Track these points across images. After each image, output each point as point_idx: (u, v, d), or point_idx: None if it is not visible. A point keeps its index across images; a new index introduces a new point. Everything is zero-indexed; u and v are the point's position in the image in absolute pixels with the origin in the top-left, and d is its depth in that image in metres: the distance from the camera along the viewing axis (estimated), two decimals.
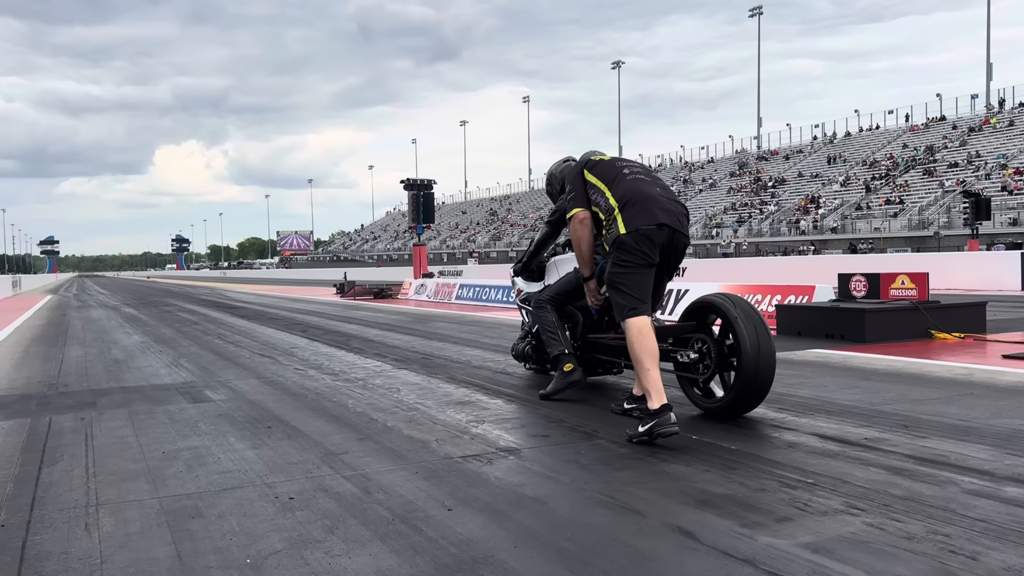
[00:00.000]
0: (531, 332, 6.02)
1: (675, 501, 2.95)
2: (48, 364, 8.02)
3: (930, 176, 47.85)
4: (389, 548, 2.55)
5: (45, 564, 2.50)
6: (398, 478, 3.37)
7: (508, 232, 72.68)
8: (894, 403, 4.78)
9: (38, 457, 3.95)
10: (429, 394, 5.53)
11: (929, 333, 8.13)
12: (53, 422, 4.87)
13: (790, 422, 4.31)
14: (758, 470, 3.35)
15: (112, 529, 2.81)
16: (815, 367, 6.44)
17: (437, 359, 7.60)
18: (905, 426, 4.13)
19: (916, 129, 56.79)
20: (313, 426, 4.52)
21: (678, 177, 69.30)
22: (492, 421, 4.57)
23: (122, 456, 3.92)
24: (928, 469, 3.31)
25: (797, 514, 2.78)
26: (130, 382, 6.57)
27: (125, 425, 4.71)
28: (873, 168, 52.92)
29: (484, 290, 18.06)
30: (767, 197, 56.09)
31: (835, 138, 62.45)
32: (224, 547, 2.60)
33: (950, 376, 5.79)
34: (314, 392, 5.74)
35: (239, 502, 3.08)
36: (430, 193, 28.74)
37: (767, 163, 63.63)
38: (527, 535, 2.64)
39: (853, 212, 47.91)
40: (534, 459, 3.66)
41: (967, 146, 49.47)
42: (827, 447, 3.73)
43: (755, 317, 4.31)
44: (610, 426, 4.31)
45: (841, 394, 5.13)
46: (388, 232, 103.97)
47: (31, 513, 3.02)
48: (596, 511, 2.87)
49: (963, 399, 4.89)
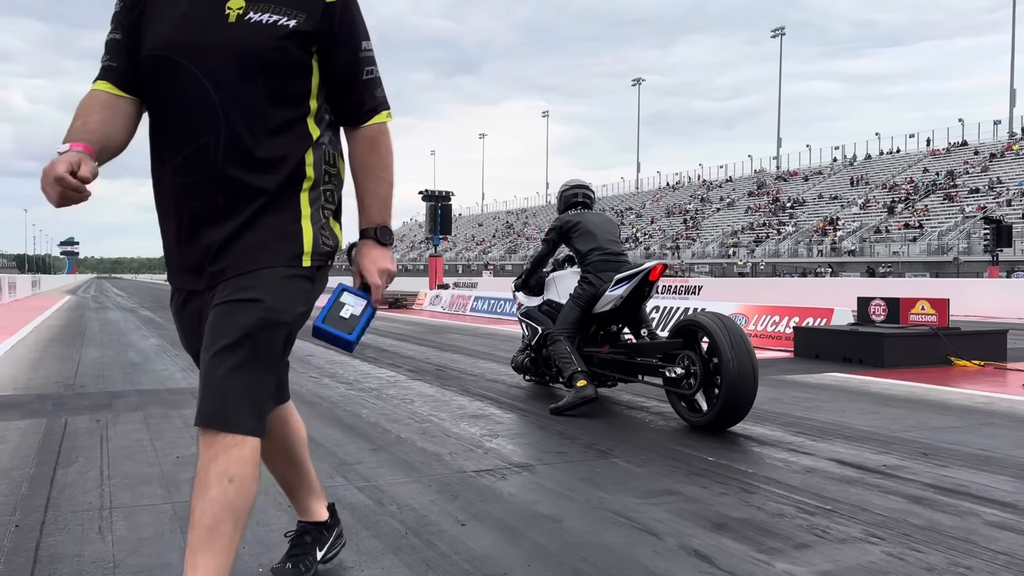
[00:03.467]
0: (530, 345, 6.15)
1: (691, 523, 2.92)
2: (65, 365, 8.07)
3: (950, 201, 47.53)
4: (402, 562, 2.53)
5: (58, 567, 2.49)
6: (411, 490, 3.35)
7: (524, 245, 72.78)
8: (913, 430, 4.72)
9: (53, 458, 3.96)
10: (443, 406, 5.52)
11: (949, 360, 8.04)
12: (69, 423, 4.89)
13: (808, 446, 4.26)
14: (775, 495, 3.31)
15: (125, 533, 2.81)
16: (833, 391, 6.38)
17: (451, 371, 7.59)
18: (925, 454, 4.07)
19: (937, 153, 56.46)
20: (327, 435, 4.51)
21: (695, 195, 69.20)
22: (506, 436, 4.55)
23: (137, 459, 3.92)
24: (949, 499, 3.26)
25: (815, 541, 2.74)
26: (146, 385, 6.60)
27: (140, 428, 4.72)
28: (893, 192, 52.65)
29: (499, 303, 18.05)
30: (785, 218, 55.90)
31: (855, 160, 62.21)
32: (237, 555, 2.58)
33: (970, 404, 5.71)
34: (328, 400, 5.74)
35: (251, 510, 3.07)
36: (448, 205, 28.84)
37: (786, 183, 63.45)
38: (541, 553, 2.61)
39: (872, 235, 47.64)
40: (548, 476, 3.63)
41: (988, 172, 49.11)
42: (845, 473, 3.68)
43: (740, 338, 4.53)
44: (625, 444, 4.28)
45: (859, 419, 5.07)
46: (404, 242, 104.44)
47: (45, 514, 3.03)
48: (611, 531, 2.84)
49: (984, 428, 4.82)
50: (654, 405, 5.54)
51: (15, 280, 29.92)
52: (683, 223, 63.48)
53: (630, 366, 5.32)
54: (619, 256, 5.67)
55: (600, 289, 5.40)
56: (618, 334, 5.73)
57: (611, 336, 5.70)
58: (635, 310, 5.51)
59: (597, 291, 5.42)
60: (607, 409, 5.41)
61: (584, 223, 5.89)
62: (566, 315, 5.57)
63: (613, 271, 5.43)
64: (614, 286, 5.31)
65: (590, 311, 5.48)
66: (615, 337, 5.71)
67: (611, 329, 5.71)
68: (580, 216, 5.98)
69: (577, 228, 5.85)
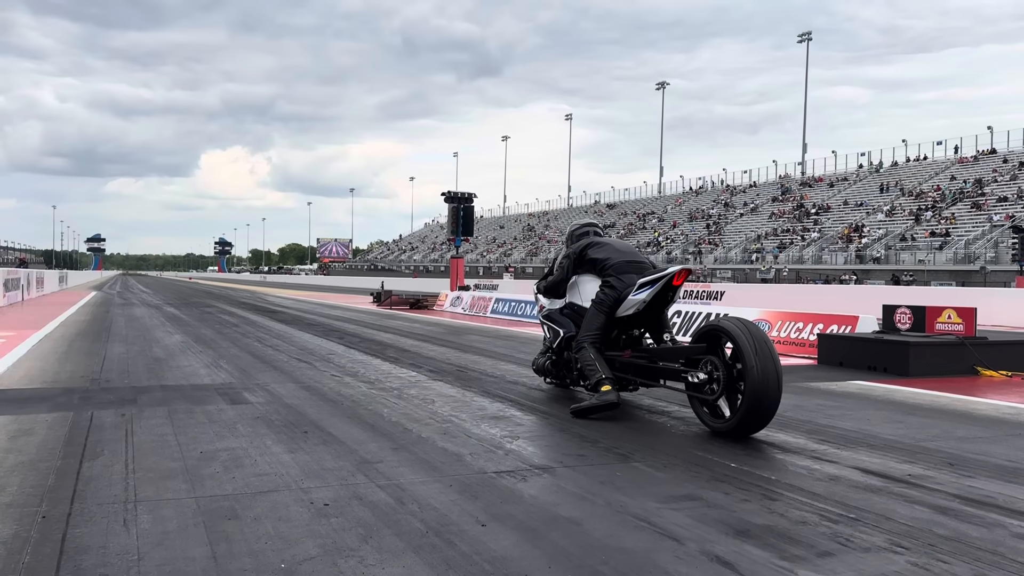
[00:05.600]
0: (551, 348, 6.10)
1: (713, 529, 2.90)
2: (91, 359, 8.17)
3: (978, 209, 46.91)
4: (423, 561, 2.53)
5: (84, 558, 2.52)
6: (432, 490, 3.36)
7: (545, 248, 72.70)
8: (939, 440, 4.67)
9: (79, 451, 4.01)
10: (464, 407, 5.52)
11: (975, 370, 7.93)
12: (95, 417, 4.95)
13: (832, 454, 4.22)
14: (798, 502, 3.28)
15: (149, 526, 2.83)
16: (857, 399, 6.32)
17: (472, 372, 7.60)
18: (951, 464, 4.02)
19: (965, 161, 55.73)
20: (348, 433, 4.53)
21: (719, 200, 68.81)
22: (527, 437, 4.55)
23: (161, 454, 3.96)
24: (975, 510, 3.21)
25: (839, 549, 2.71)
26: (170, 381, 6.66)
27: (164, 423, 4.77)
28: (920, 199, 52.07)
29: (520, 305, 18.04)
30: (810, 224, 55.44)
31: (881, 167, 61.59)
32: (259, 550, 2.61)
33: (997, 415, 5.63)
34: (350, 399, 5.77)
35: (275, 506, 3.09)
36: (470, 206, 28.86)
37: (811, 189, 62.93)
38: (562, 556, 2.60)
39: (897, 243, 47.14)
40: (569, 478, 3.62)
41: (1017, 180, 48.42)
42: (869, 482, 3.64)
43: (765, 344, 4.48)
44: (646, 448, 4.26)
45: (884, 428, 5.01)
46: (426, 243, 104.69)
47: (71, 506, 3.07)
48: (632, 535, 2.83)
49: (1011, 439, 4.75)
50: (676, 410, 5.51)
51: (43, 275, 30.35)
52: (706, 228, 63.14)
53: (652, 370, 5.28)
54: (640, 262, 5.64)
55: (623, 293, 5.36)
56: (640, 338, 5.69)
57: (633, 340, 5.67)
58: (657, 315, 5.48)
59: (619, 295, 5.37)
60: (628, 413, 5.39)
61: (598, 241, 5.92)
62: (590, 321, 5.53)
63: (635, 273, 5.40)
64: (637, 290, 5.28)
65: (613, 315, 5.44)
66: (637, 341, 5.67)
67: (633, 333, 5.67)
68: (593, 238, 6.02)
69: (592, 245, 5.86)
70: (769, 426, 4.62)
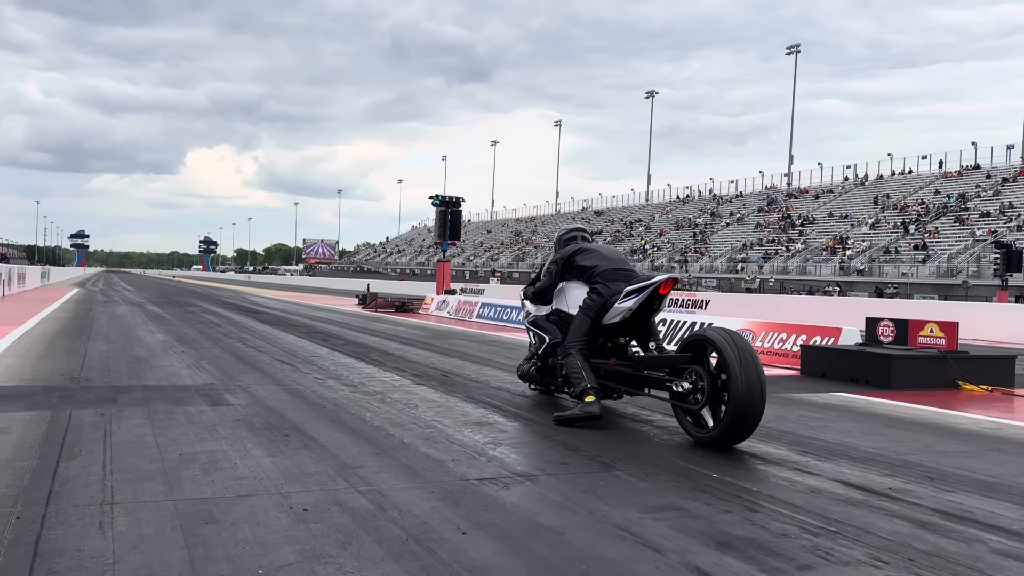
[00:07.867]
0: (537, 354, 6.10)
1: (694, 540, 2.89)
2: (71, 357, 8.09)
3: (961, 224, 47.35)
4: (402, 569, 2.51)
5: (58, 560, 2.49)
6: (413, 496, 3.34)
7: (532, 254, 72.74)
8: (919, 453, 4.69)
9: (56, 451, 3.96)
10: (447, 412, 5.50)
11: (956, 384, 7.99)
12: (73, 416, 4.89)
13: (813, 466, 4.23)
14: (779, 514, 3.29)
15: (126, 529, 2.80)
16: (839, 411, 6.34)
17: (456, 377, 7.58)
18: (931, 478, 4.04)
19: (949, 176, 56.26)
20: (330, 437, 4.50)
21: (705, 209, 69.10)
22: (509, 444, 4.53)
23: (139, 455, 3.92)
24: (954, 525, 3.23)
25: (819, 563, 2.71)
26: (151, 381, 6.60)
27: (144, 424, 4.72)
28: (903, 213, 52.49)
29: (505, 310, 18.03)
30: (795, 235, 55.76)
31: (867, 180, 62.05)
32: (236, 555, 2.58)
33: (977, 429, 5.67)
34: (332, 403, 5.74)
35: (253, 510, 3.07)
36: (458, 210, 28.82)
37: (797, 200, 63.31)
38: (543, 566, 2.59)
39: (881, 255, 47.49)
40: (551, 487, 3.61)
41: (1000, 196, 48.91)
42: (850, 495, 3.65)
43: (750, 355, 4.49)
44: (629, 457, 4.26)
45: (865, 441, 5.03)
46: (412, 246, 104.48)
47: (47, 507, 3.03)
48: (613, 545, 2.82)
49: (990, 454, 4.78)
50: (659, 419, 5.52)
51: (24, 271, 30.06)
52: (692, 237, 63.39)
53: (637, 379, 5.28)
54: (628, 270, 5.65)
55: (609, 300, 5.37)
56: (625, 346, 5.69)
57: (618, 348, 5.67)
58: (643, 323, 5.49)
59: (606, 301, 5.38)
60: (612, 421, 5.39)
61: (587, 247, 5.93)
62: (577, 327, 5.53)
63: (623, 281, 5.41)
64: (623, 298, 5.28)
65: (600, 321, 5.44)
66: (622, 349, 5.68)
67: (618, 341, 5.67)
68: (581, 244, 6.02)
69: (580, 252, 5.86)
70: (751, 437, 4.63)
